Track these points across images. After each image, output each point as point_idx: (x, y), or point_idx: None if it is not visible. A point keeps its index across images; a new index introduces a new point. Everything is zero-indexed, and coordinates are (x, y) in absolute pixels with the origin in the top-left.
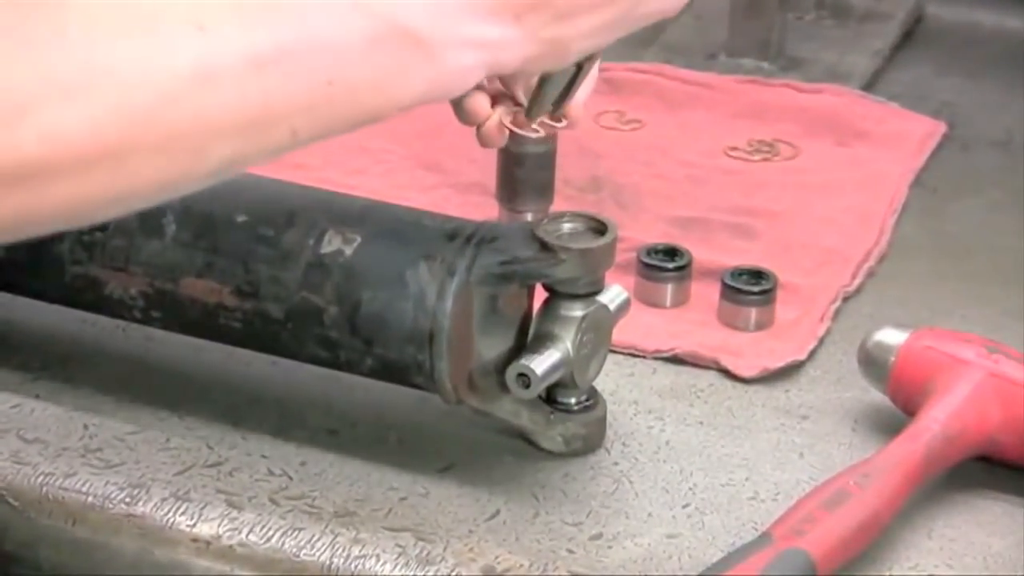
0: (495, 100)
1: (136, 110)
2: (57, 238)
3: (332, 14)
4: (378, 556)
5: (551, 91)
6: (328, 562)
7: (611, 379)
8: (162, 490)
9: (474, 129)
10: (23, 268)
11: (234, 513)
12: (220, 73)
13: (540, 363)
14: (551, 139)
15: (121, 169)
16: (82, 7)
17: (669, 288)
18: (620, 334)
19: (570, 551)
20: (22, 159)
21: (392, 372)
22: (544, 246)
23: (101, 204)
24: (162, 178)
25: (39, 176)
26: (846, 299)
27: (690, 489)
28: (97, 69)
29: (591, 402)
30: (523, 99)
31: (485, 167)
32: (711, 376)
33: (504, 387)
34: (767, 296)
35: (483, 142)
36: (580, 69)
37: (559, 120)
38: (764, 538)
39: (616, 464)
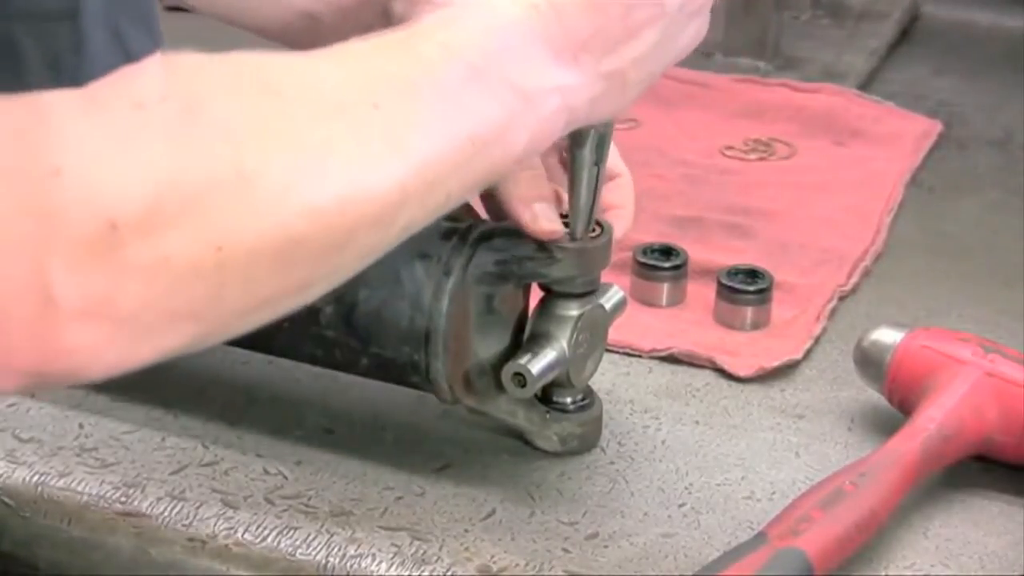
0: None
1: (362, 184)
2: None
3: (469, 80)
4: (374, 555)
5: (586, 198)
6: (324, 561)
7: (607, 378)
8: (158, 489)
9: None
10: None
11: (230, 512)
12: (404, 142)
13: (536, 363)
14: None
15: (350, 243)
16: (296, 96)
17: (665, 287)
18: (616, 333)
19: (566, 550)
20: (290, 237)
21: (388, 371)
22: (540, 245)
23: (323, 282)
24: (368, 250)
25: (298, 255)
26: (842, 298)
27: (686, 488)
28: (326, 148)
29: (587, 401)
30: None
31: None
32: (707, 375)
33: (500, 386)
34: (763, 295)
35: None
36: (599, 169)
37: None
38: (760, 537)
39: (612, 463)
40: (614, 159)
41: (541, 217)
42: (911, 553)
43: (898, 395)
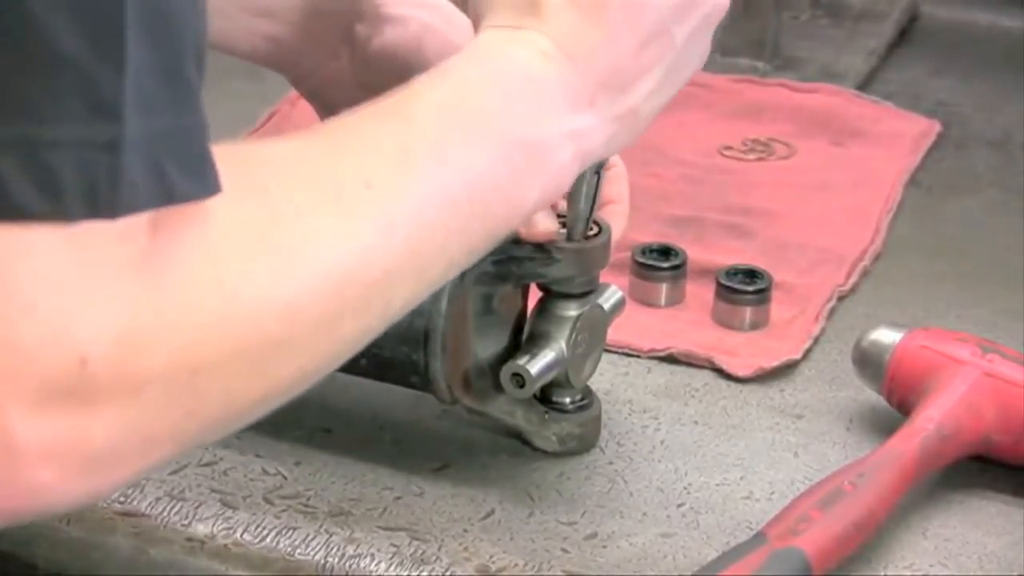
0: None
1: (344, 273)
2: None
3: (466, 142)
4: (372, 555)
5: (584, 204)
6: (323, 561)
7: (606, 378)
8: (156, 489)
9: None
10: None
11: (228, 512)
12: (395, 221)
13: (535, 363)
14: None
15: (336, 332)
16: (281, 187)
17: (664, 287)
18: (615, 333)
19: (565, 550)
20: (265, 342)
21: (387, 371)
22: (539, 246)
23: (307, 378)
24: (361, 334)
25: (274, 356)
26: (841, 298)
27: (685, 488)
28: (310, 241)
29: (586, 401)
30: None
31: None
32: (706, 375)
33: (499, 387)
34: (762, 295)
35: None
36: (599, 177)
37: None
38: (759, 538)
39: (611, 463)
40: None
41: (534, 222)
42: (910, 553)
43: (897, 395)
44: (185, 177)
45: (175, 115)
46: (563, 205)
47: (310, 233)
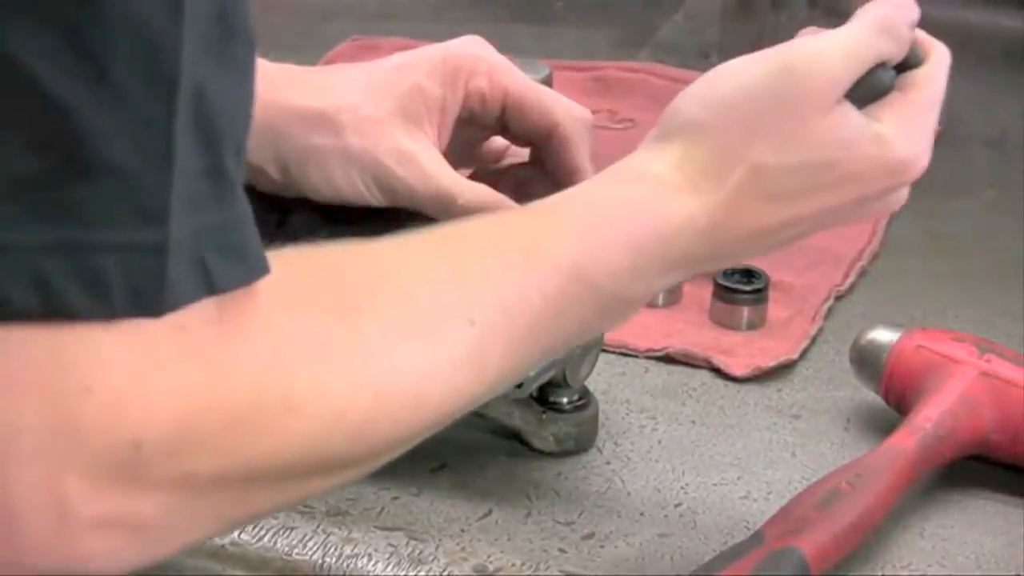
0: None
1: (428, 404)
2: None
3: (577, 298)
4: (370, 555)
5: None
6: (320, 561)
7: (603, 378)
8: None
9: None
10: None
11: None
12: (489, 360)
13: None
14: None
15: (398, 451)
16: (374, 311)
17: None
18: (612, 333)
19: (562, 550)
20: (330, 458)
21: None
22: None
23: (363, 474)
24: (416, 442)
25: (339, 469)
26: (838, 298)
27: (682, 488)
28: (397, 369)
29: (583, 401)
30: None
31: None
32: (703, 375)
33: None
34: (759, 295)
35: None
36: None
37: None
38: (756, 537)
39: (608, 463)
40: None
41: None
42: (907, 553)
43: (894, 395)
44: (226, 267)
45: (217, 210)
46: None
47: (399, 363)
